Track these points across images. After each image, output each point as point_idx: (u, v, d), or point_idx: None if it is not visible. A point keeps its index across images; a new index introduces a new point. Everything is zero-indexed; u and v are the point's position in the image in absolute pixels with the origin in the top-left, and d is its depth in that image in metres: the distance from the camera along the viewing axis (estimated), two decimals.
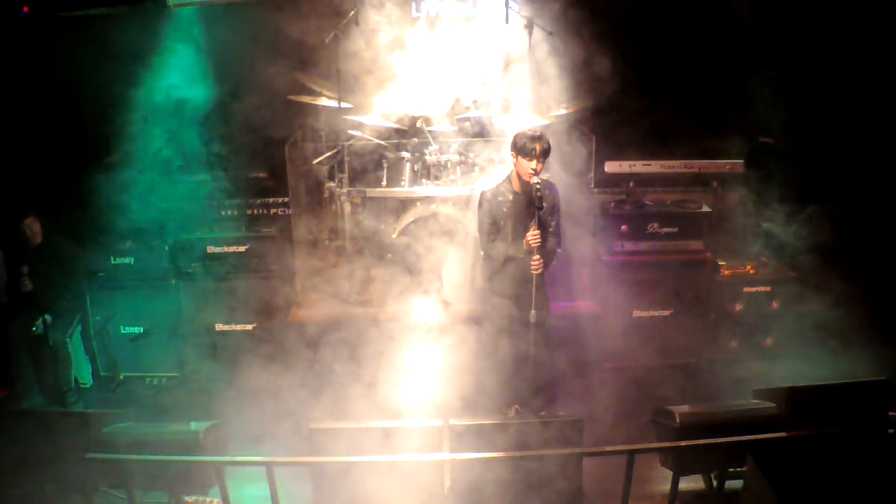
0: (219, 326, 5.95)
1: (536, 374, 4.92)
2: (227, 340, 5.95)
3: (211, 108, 6.42)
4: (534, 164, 4.58)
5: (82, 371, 5.95)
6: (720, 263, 5.93)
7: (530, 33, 5.54)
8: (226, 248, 5.95)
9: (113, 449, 3.88)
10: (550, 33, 5.69)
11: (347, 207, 5.98)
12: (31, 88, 6.10)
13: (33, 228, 5.60)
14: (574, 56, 6.00)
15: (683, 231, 5.87)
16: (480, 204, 4.84)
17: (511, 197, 4.73)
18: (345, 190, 5.96)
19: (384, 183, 6.25)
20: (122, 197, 6.22)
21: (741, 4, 6.75)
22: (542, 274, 4.76)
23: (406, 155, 6.26)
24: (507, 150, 6.29)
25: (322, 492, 3.95)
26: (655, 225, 5.86)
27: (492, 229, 4.79)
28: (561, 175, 5.70)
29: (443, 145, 6.40)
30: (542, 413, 5.14)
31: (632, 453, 3.71)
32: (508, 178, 4.79)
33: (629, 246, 5.88)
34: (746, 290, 5.92)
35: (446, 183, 6.19)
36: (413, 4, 6.81)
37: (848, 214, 6.12)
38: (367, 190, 6.14)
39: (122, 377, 6.03)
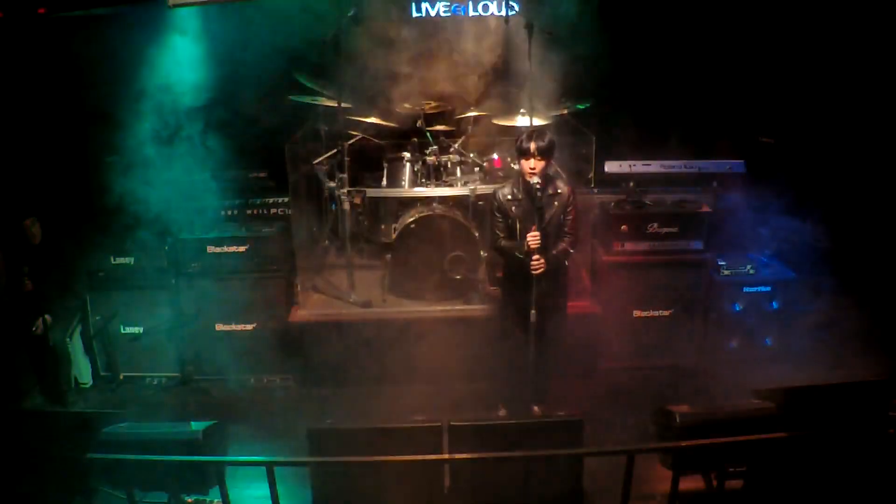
0: (219, 326, 5.95)
1: (534, 375, 4.92)
2: (227, 340, 5.95)
3: (211, 108, 6.42)
4: (531, 163, 4.59)
5: (82, 371, 5.95)
6: (720, 263, 5.93)
7: (530, 33, 5.53)
8: (226, 248, 5.95)
9: (113, 449, 3.87)
10: (550, 33, 5.69)
11: (347, 207, 5.98)
12: (31, 88, 6.10)
13: (33, 229, 5.60)
14: (574, 56, 6.01)
15: (683, 231, 5.87)
16: (492, 203, 4.85)
17: (519, 197, 4.74)
18: (345, 190, 5.96)
19: (384, 183, 6.26)
20: (123, 197, 6.23)
21: (741, 4, 6.76)
22: (555, 273, 4.76)
23: (406, 155, 6.27)
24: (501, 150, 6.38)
25: (322, 492, 3.95)
26: (655, 225, 5.86)
27: (502, 229, 4.80)
28: (561, 175, 5.71)
29: (443, 145, 6.41)
30: (536, 410, 5.16)
31: (632, 453, 3.71)
32: (517, 179, 4.79)
33: (629, 246, 5.88)
34: (746, 290, 5.91)
35: (446, 183, 6.19)
36: (413, 4, 6.83)
37: (849, 214, 6.12)
38: (367, 190, 6.14)
39: (122, 377, 6.04)
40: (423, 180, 6.19)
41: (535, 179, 4.59)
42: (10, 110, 5.96)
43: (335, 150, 6.19)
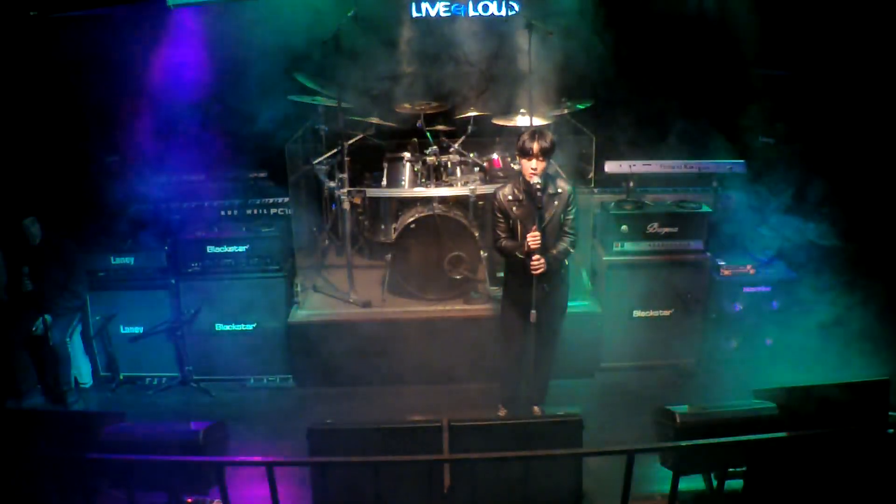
0: (219, 326, 5.96)
1: (534, 375, 4.92)
2: (227, 340, 5.95)
3: (211, 107, 6.42)
4: (533, 163, 4.58)
5: (82, 371, 5.95)
6: (720, 263, 5.93)
7: (530, 33, 5.53)
8: (226, 248, 5.95)
9: (113, 449, 3.87)
10: (550, 33, 5.69)
11: (347, 207, 5.98)
12: (31, 89, 6.10)
13: (33, 229, 5.60)
14: (574, 56, 6.01)
15: (683, 231, 5.87)
16: (493, 204, 4.84)
17: (519, 197, 4.73)
18: (345, 190, 5.96)
19: (384, 183, 6.26)
20: (123, 197, 6.23)
21: (741, 4, 6.76)
22: (556, 273, 4.76)
23: (406, 155, 6.27)
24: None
25: (322, 492, 3.95)
26: (655, 225, 5.86)
27: (503, 229, 4.79)
28: (561, 175, 5.71)
29: (443, 145, 6.41)
30: (536, 410, 5.16)
31: (632, 453, 3.70)
32: (518, 178, 4.79)
33: (629, 246, 5.88)
34: (746, 290, 5.91)
35: (446, 183, 6.19)
36: (413, 4, 6.83)
37: (849, 214, 6.12)
38: (367, 190, 6.15)
39: (122, 377, 6.04)
40: (423, 180, 6.18)
41: (536, 179, 4.58)
42: (11, 110, 5.96)
43: (335, 150, 6.19)
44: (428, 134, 6.35)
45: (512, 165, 6.15)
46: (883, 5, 5.86)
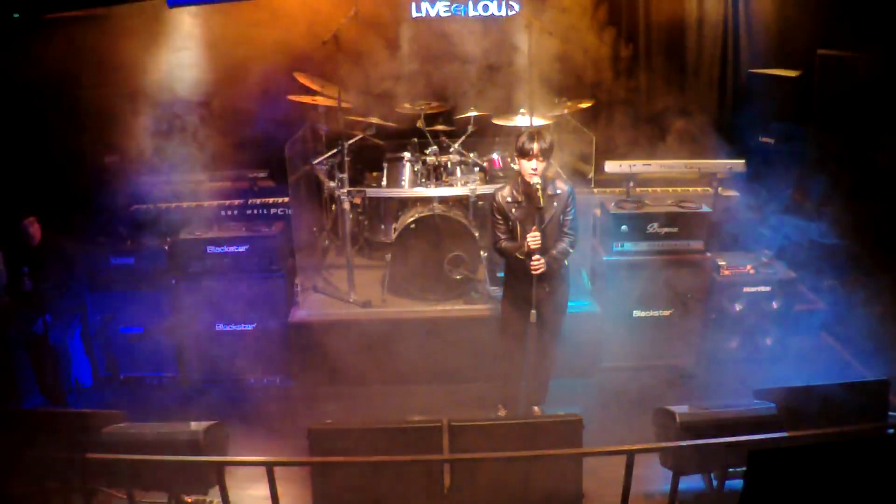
0: (219, 326, 5.95)
1: (534, 375, 4.92)
2: (227, 340, 5.95)
3: (211, 107, 6.42)
4: (533, 163, 4.58)
5: (82, 371, 5.95)
6: (720, 263, 5.94)
7: (530, 33, 5.53)
8: (226, 248, 5.95)
9: (113, 449, 3.87)
10: (550, 33, 5.69)
11: (347, 207, 5.99)
12: (30, 89, 6.10)
13: (31, 229, 5.60)
14: (574, 56, 6.02)
15: (683, 231, 5.86)
16: (492, 205, 4.84)
17: (518, 199, 4.73)
18: (345, 190, 5.96)
19: (384, 183, 6.26)
20: (122, 197, 6.22)
21: (740, 4, 6.77)
22: (555, 273, 4.76)
23: (406, 155, 6.27)
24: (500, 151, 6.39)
25: (322, 492, 3.95)
26: (655, 225, 5.85)
27: (503, 230, 4.79)
28: (561, 175, 5.71)
29: (443, 145, 6.41)
30: (536, 410, 5.16)
31: (632, 453, 3.71)
32: (517, 179, 4.78)
33: (629, 246, 5.88)
34: (746, 290, 5.91)
35: (446, 183, 6.19)
36: (413, 4, 6.84)
37: (849, 213, 6.12)
38: (367, 190, 6.15)
39: (122, 377, 6.03)
40: (423, 180, 6.19)
41: (536, 180, 4.58)
42: (10, 110, 5.96)
43: (335, 150, 6.20)
44: (428, 134, 6.35)
45: (512, 165, 6.15)
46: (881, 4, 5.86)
